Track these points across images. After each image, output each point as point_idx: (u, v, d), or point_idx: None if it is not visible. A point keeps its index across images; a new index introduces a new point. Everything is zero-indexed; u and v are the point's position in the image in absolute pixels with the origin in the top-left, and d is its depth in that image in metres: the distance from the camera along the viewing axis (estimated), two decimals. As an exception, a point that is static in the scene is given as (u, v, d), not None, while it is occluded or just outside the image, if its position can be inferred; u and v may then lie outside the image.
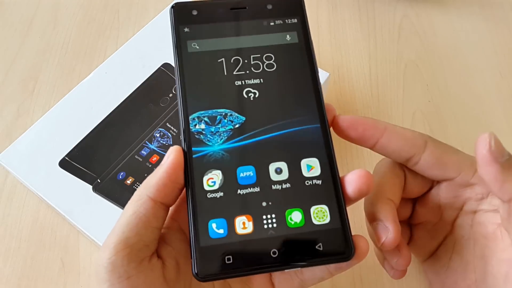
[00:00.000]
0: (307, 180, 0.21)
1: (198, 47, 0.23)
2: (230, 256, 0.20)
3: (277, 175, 0.21)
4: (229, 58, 0.23)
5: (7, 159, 0.33)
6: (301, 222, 0.20)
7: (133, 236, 0.20)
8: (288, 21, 0.24)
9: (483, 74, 0.41)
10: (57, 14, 0.44)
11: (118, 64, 0.38)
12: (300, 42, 0.23)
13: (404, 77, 0.41)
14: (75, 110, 0.35)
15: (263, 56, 0.23)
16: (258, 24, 0.24)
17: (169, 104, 0.36)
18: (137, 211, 0.20)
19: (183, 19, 0.23)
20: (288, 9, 0.24)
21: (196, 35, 0.23)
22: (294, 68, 0.23)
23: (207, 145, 0.22)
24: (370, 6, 0.45)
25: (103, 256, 0.19)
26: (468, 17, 0.44)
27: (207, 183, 0.21)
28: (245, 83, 0.23)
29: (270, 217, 0.20)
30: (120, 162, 0.33)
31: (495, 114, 0.39)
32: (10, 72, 0.40)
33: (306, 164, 0.21)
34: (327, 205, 0.21)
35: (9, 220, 0.33)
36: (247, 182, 0.21)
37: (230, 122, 0.22)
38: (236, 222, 0.20)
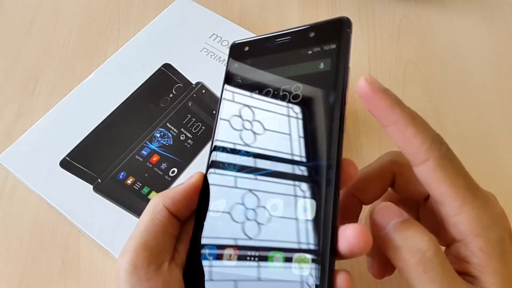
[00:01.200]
0: (300, 222, 0.20)
1: (240, 81, 0.24)
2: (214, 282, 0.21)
3: (272, 211, 0.21)
4: (261, 90, 0.23)
5: (8, 159, 0.33)
6: (280, 267, 0.19)
7: (152, 239, 0.21)
8: (326, 48, 0.22)
9: (482, 75, 0.41)
10: (57, 14, 0.44)
11: (118, 64, 0.38)
12: (332, 69, 0.22)
13: (404, 77, 0.41)
14: (75, 110, 0.35)
15: (292, 86, 0.23)
16: (298, 53, 0.23)
17: (169, 104, 0.36)
18: (154, 217, 0.21)
19: (237, 55, 0.25)
20: (328, 36, 0.22)
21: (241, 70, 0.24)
22: (319, 100, 0.21)
23: (223, 174, 0.23)
24: (369, 7, 0.45)
25: (123, 260, 0.20)
26: (467, 18, 0.44)
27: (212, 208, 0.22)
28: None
29: (253, 255, 0.20)
30: (121, 162, 0.33)
31: (494, 114, 0.39)
32: (10, 72, 0.40)
33: (303, 205, 0.20)
34: (311, 255, 0.19)
35: (10, 220, 0.33)
36: (243, 215, 0.21)
37: (246, 153, 0.23)
38: (225, 252, 0.21)
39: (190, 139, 0.35)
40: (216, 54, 0.38)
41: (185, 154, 0.34)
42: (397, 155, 0.24)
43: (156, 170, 0.33)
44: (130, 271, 0.20)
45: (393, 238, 0.19)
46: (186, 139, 0.35)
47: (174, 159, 0.34)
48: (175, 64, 0.38)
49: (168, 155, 0.34)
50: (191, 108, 0.36)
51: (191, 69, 0.38)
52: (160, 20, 0.40)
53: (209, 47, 0.39)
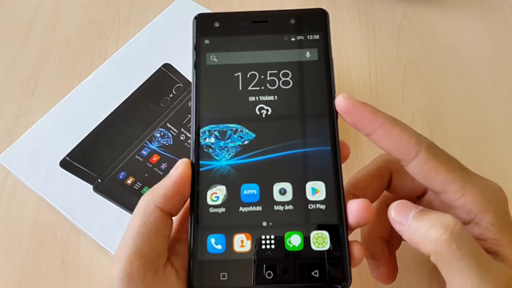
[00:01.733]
0: (311, 203, 0.21)
1: (217, 60, 0.23)
2: (225, 273, 0.20)
3: (280, 195, 0.21)
4: (245, 72, 0.23)
5: (8, 159, 0.33)
6: (299, 246, 0.20)
7: (146, 246, 0.19)
8: (310, 37, 0.23)
9: (482, 74, 0.41)
10: (57, 14, 0.44)
11: (118, 64, 0.38)
12: (319, 60, 0.23)
13: (404, 77, 0.41)
14: (75, 110, 0.35)
15: (280, 72, 0.23)
16: (279, 39, 0.23)
17: (169, 104, 0.36)
18: (146, 221, 0.20)
19: (204, 30, 0.23)
20: (311, 25, 0.23)
21: (215, 47, 0.23)
22: (310, 87, 0.22)
23: (215, 159, 0.22)
24: (369, 7, 0.45)
25: (116, 269, 0.19)
26: (467, 18, 0.44)
27: (210, 197, 0.21)
28: (259, 100, 0.22)
29: (269, 238, 0.20)
30: (121, 162, 0.33)
31: (494, 114, 0.39)
32: (11, 72, 0.40)
33: (311, 187, 0.21)
34: (328, 232, 0.20)
35: (10, 220, 0.33)
36: (250, 200, 0.21)
37: (240, 138, 0.22)
38: (235, 240, 0.20)
39: (190, 139, 0.35)
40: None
41: (185, 154, 0.34)
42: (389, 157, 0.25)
43: (156, 170, 0.33)
44: (125, 282, 0.19)
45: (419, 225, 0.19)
46: (186, 139, 0.35)
47: (174, 159, 0.34)
48: (175, 64, 0.38)
49: (168, 155, 0.34)
50: (191, 108, 0.36)
51: (191, 69, 0.37)
52: (160, 20, 0.40)
53: (209, 47, 0.39)
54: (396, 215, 0.20)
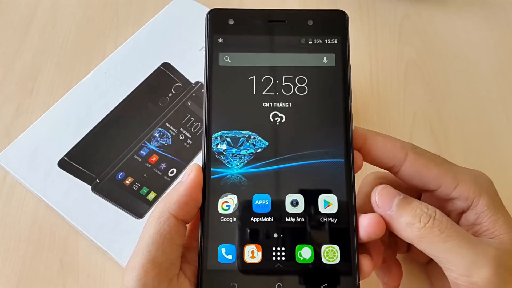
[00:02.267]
0: (323, 216, 0.21)
1: (230, 61, 0.22)
2: (235, 283, 0.20)
3: (292, 207, 0.21)
4: (260, 76, 0.22)
5: (6, 159, 0.33)
6: (310, 259, 0.20)
7: (160, 255, 0.19)
8: (328, 41, 0.22)
9: (484, 73, 0.41)
10: (56, 13, 0.44)
11: (117, 63, 0.37)
12: (337, 66, 0.22)
13: (405, 76, 0.40)
14: (74, 110, 0.35)
15: (295, 78, 0.22)
16: (296, 41, 0.22)
17: (168, 103, 0.36)
18: (160, 229, 0.20)
19: (218, 28, 0.22)
20: (330, 27, 0.23)
21: (229, 47, 0.22)
22: (326, 95, 0.22)
23: (227, 167, 0.21)
24: (370, 5, 0.44)
25: (131, 278, 0.19)
26: (469, 16, 0.44)
27: (221, 206, 0.21)
28: (273, 106, 0.22)
29: (279, 250, 0.20)
30: (119, 162, 0.33)
31: (496, 113, 0.38)
32: (9, 71, 0.40)
33: (323, 199, 0.21)
34: (339, 246, 0.20)
35: (8, 220, 0.33)
36: (261, 210, 0.21)
37: (253, 145, 0.21)
38: (246, 250, 0.20)
39: (190, 139, 0.34)
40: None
41: (184, 154, 0.34)
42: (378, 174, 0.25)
43: (155, 170, 0.33)
44: None
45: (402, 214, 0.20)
46: (185, 139, 0.34)
47: (173, 159, 0.34)
48: (174, 63, 0.38)
49: (167, 155, 0.34)
50: (191, 107, 0.36)
51: (190, 68, 0.37)
52: (159, 18, 0.40)
53: (208, 46, 0.39)
54: (380, 201, 0.21)
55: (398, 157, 0.22)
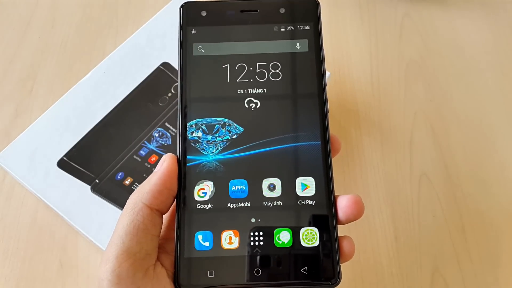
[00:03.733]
0: (301, 199, 0.20)
1: (204, 51, 0.22)
2: (213, 270, 0.19)
3: (269, 191, 0.21)
4: (234, 64, 0.22)
5: (5, 159, 0.33)
6: (288, 243, 0.20)
7: (134, 245, 0.19)
8: (300, 28, 0.23)
9: (484, 73, 0.40)
10: (55, 13, 0.43)
11: (116, 63, 0.37)
12: (310, 51, 0.22)
13: (406, 76, 0.40)
14: (73, 110, 0.35)
15: (269, 64, 0.22)
16: (268, 29, 0.23)
17: (168, 103, 0.36)
18: (134, 219, 0.19)
19: (191, 20, 0.23)
20: (302, 15, 0.23)
21: (202, 37, 0.22)
22: (300, 80, 0.22)
23: (202, 154, 0.21)
24: (371, 5, 0.44)
25: (105, 269, 0.19)
26: (469, 16, 0.44)
27: (197, 193, 0.21)
28: (248, 92, 0.22)
29: (257, 235, 0.20)
30: (119, 162, 0.33)
31: (496, 113, 0.38)
32: (8, 71, 0.40)
33: (301, 182, 0.21)
34: (317, 228, 0.20)
35: (7, 220, 0.33)
36: (238, 196, 0.21)
37: (228, 132, 0.21)
38: (223, 236, 0.20)
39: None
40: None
41: (184, 154, 0.34)
42: None
43: (155, 170, 0.33)
44: (114, 282, 0.18)
45: None
46: (185, 139, 0.34)
47: (173, 159, 0.34)
48: (174, 63, 0.37)
49: (167, 155, 0.34)
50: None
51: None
52: (159, 18, 0.40)
53: (208, 46, 0.38)
54: None
55: None
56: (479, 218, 0.34)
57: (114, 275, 0.18)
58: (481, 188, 0.35)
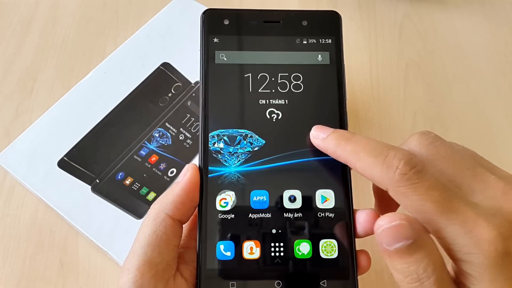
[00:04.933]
0: (320, 211, 0.21)
1: (226, 59, 0.22)
2: (234, 282, 0.20)
3: (290, 203, 0.21)
4: (256, 74, 0.22)
5: (6, 159, 0.33)
6: (308, 254, 0.20)
7: (156, 256, 0.19)
8: (322, 41, 0.23)
9: (484, 74, 0.40)
10: (55, 13, 0.44)
11: (117, 63, 0.37)
12: (331, 64, 0.23)
13: (405, 76, 0.40)
14: (73, 110, 0.35)
15: (291, 75, 0.22)
16: (290, 40, 0.23)
17: (168, 103, 0.36)
18: (156, 230, 0.19)
19: (214, 28, 0.23)
20: (324, 27, 0.23)
21: (225, 45, 0.22)
22: (321, 92, 0.22)
23: (224, 165, 0.21)
24: (371, 5, 0.44)
25: (126, 280, 0.19)
26: (469, 16, 0.44)
27: (219, 203, 0.21)
28: (269, 103, 0.22)
29: (278, 245, 0.20)
30: (119, 162, 0.33)
31: (496, 113, 0.38)
32: (8, 72, 0.40)
33: (321, 195, 0.21)
34: (337, 241, 0.20)
35: (8, 220, 0.33)
36: (259, 206, 0.21)
37: (250, 144, 0.21)
38: (244, 247, 0.20)
39: (189, 139, 0.34)
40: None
41: (184, 154, 0.34)
42: None
43: (155, 170, 0.33)
44: None
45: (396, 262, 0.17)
46: (185, 139, 0.34)
47: (173, 159, 0.34)
48: (174, 63, 0.37)
49: (167, 155, 0.34)
50: (190, 107, 0.36)
51: (190, 68, 0.37)
52: (159, 18, 0.40)
53: (208, 46, 0.39)
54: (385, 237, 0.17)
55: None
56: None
57: (136, 286, 0.18)
58: (481, 188, 0.35)
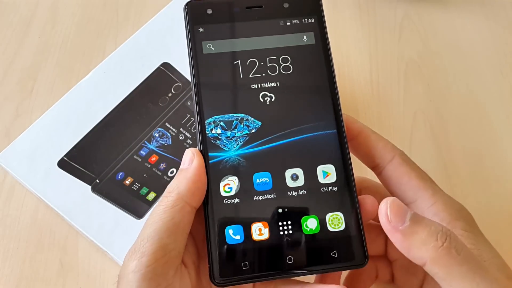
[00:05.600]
0: (323, 187, 0.21)
1: (214, 49, 0.23)
2: (246, 262, 0.20)
3: (293, 181, 0.21)
4: (245, 60, 0.23)
5: (6, 159, 0.33)
6: (316, 229, 0.20)
7: (171, 242, 0.19)
8: (305, 21, 0.23)
9: (484, 74, 0.40)
10: (55, 13, 0.43)
11: (117, 63, 0.37)
12: (317, 43, 0.23)
13: (405, 76, 0.40)
14: (73, 110, 0.35)
15: (279, 58, 0.23)
16: (274, 24, 0.23)
17: (168, 103, 0.36)
18: (175, 217, 0.19)
19: (198, 18, 0.23)
20: (305, 8, 0.23)
21: (211, 35, 0.23)
22: (311, 71, 0.23)
23: (224, 150, 0.21)
24: (370, 5, 0.44)
25: (139, 263, 0.18)
26: (469, 16, 0.44)
27: (223, 189, 0.21)
28: (261, 87, 0.22)
29: (285, 224, 0.20)
30: (119, 162, 0.33)
31: (496, 113, 0.38)
32: (8, 71, 0.40)
33: (322, 170, 0.21)
34: (342, 213, 0.21)
35: (8, 220, 0.33)
36: (263, 188, 0.21)
37: (246, 127, 0.22)
38: (253, 228, 0.20)
39: (189, 139, 0.34)
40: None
41: (184, 154, 0.34)
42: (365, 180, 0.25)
43: (155, 170, 0.33)
44: (148, 277, 0.18)
45: (416, 230, 0.18)
46: (185, 139, 0.34)
47: (173, 159, 0.34)
48: (174, 63, 0.37)
49: (167, 155, 0.34)
50: (190, 107, 0.36)
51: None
52: (159, 18, 0.40)
53: (208, 46, 0.39)
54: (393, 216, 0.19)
55: (385, 157, 0.22)
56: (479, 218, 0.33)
57: (149, 270, 0.18)
58: (481, 188, 0.35)
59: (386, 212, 0.19)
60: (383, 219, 0.19)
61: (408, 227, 0.18)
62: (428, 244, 0.18)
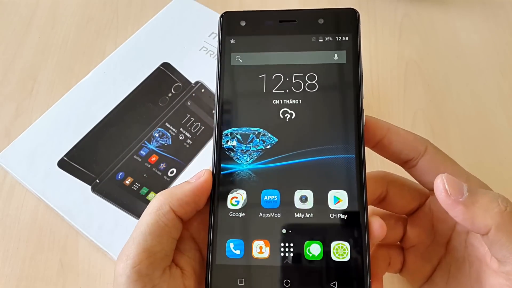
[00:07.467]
0: (332, 213, 0.20)
1: (241, 61, 0.23)
2: (242, 279, 0.20)
3: (301, 203, 0.21)
4: (270, 74, 0.22)
5: (6, 159, 0.33)
6: (319, 256, 0.20)
7: (156, 245, 0.19)
8: (339, 39, 0.22)
9: (484, 74, 0.40)
10: (55, 13, 0.44)
11: (117, 63, 0.37)
12: (348, 62, 0.22)
13: (405, 76, 0.40)
14: (73, 110, 0.35)
15: (306, 75, 0.22)
16: (306, 39, 0.23)
17: (168, 103, 0.36)
18: (159, 220, 0.20)
19: (230, 29, 0.23)
20: (341, 25, 0.23)
21: (241, 47, 0.23)
22: (336, 91, 0.22)
23: (236, 163, 0.21)
24: (370, 5, 0.44)
25: (125, 265, 0.19)
26: (469, 16, 0.44)
27: (230, 201, 0.21)
28: (283, 103, 0.22)
29: (288, 246, 0.20)
30: (119, 162, 0.33)
31: (496, 113, 0.38)
32: (8, 71, 0.40)
33: (333, 195, 0.21)
34: (349, 243, 0.20)
35: (8, 220, 0.33)
36: (270, 206, 0.21)
37: (262, 142, 0.21)
38: (254, 245, 0.20)
39: (189, 139, 0.34)
40: (216, 53, 0.38)
41: (184, 154, 0.34)
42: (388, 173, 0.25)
43: (155, 170, 0.33)
44: (134, 279, 0.19)
45: (477, 199, 0.19)
46: (185, 139, 0.34)
47: (173, 159, 0.34)
48: (174, 63, 0.37)
49: (167, 155, 0.34)
50: (190, 107, 0.36)
51: (190, 68, 0.37)
52: (159, 18, 0.40)
53: (208, 46, 0.39)
54: (451, 188, 0.19)
55: (419, 149, 0.22)
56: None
57: (134, 272, 0.19)
58: (481, 188, 0.35)
59: (445, 187, 0.19)
60: (442, 194, 0.19)
61: (468, 197, 0.19)
62: (491, 210, 0.18)
